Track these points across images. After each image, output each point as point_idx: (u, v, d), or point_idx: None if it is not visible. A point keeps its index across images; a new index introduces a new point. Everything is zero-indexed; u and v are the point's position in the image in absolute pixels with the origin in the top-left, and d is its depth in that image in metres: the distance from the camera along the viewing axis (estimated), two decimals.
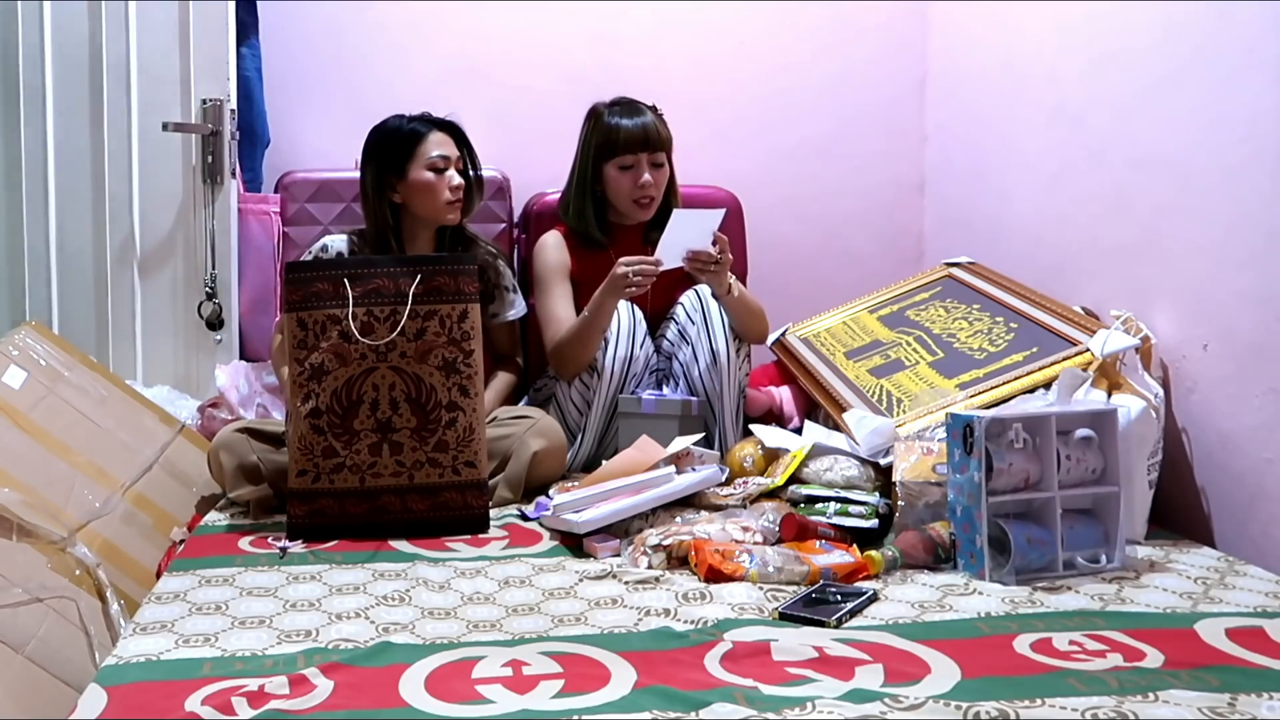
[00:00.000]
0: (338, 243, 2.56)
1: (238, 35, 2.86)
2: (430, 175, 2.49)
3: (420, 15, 3.18)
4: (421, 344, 2.12)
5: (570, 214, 2.71)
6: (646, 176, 2.61)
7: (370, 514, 2.09)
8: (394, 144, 2.51)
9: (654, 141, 2.62)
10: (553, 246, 2.71)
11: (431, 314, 2.13)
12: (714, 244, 2.45)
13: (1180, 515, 2.23)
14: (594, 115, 2.69)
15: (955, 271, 2.79)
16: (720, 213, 2.47)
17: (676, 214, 2.47)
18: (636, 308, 2.57)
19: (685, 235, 2.43)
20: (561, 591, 1.78)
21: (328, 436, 2.09)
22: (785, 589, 1.76)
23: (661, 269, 2.44)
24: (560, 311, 2.62)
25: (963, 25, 3.19)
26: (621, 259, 2.45)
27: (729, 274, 2.51)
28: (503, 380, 2.64)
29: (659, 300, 2.66)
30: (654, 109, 2.68)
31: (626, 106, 2.67)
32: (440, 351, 2.12)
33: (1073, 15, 2.64)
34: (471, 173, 2.58)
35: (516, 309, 2.68)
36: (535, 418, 2.42)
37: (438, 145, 2.51)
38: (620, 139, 2.61)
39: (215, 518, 2.19)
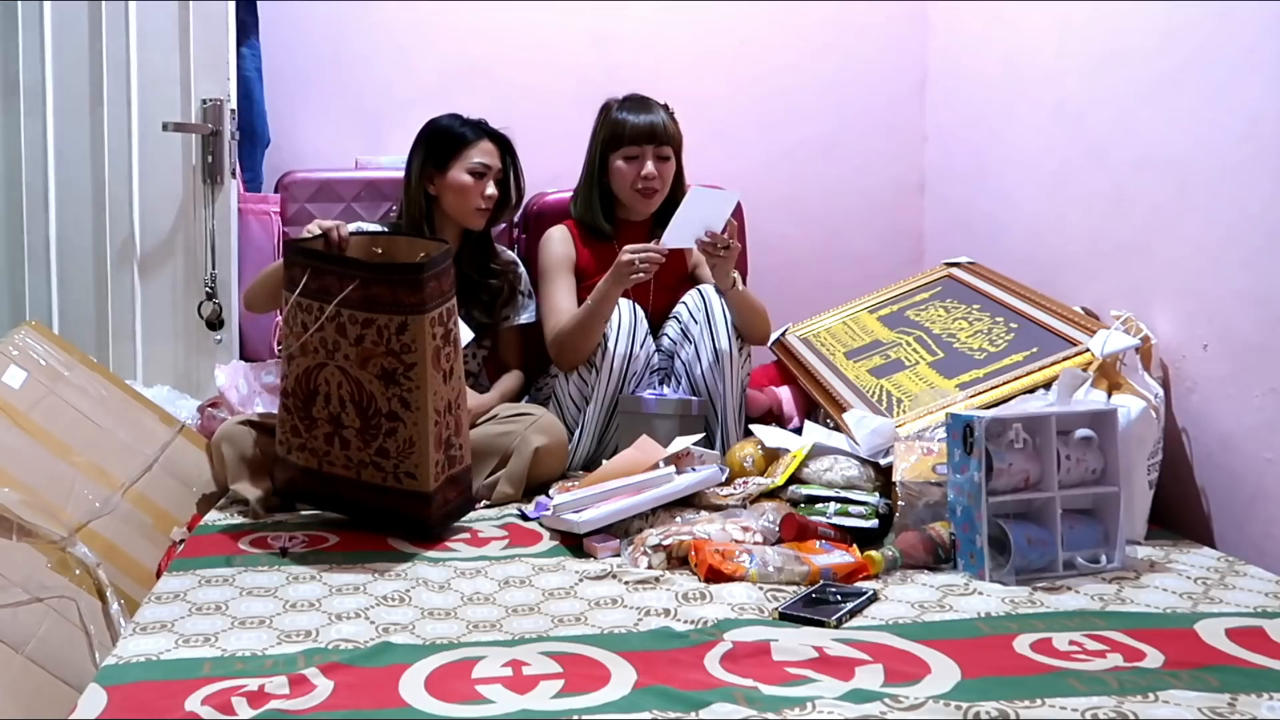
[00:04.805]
0: (368, 229, 2.62)
1: (238, 35, 2.86)
2: (468, 178, 2.56)
3: (421, 15, 3.18)
4: (361, 350, 2.02)
5: (579, 206, 2.75)
6: (650, 168, 2.63)
7: (329, 496, 2.14)
8: (444, 140, 2.59)
9: (660, 136, 2.65)
10: (558, 239, 2.73)
11: (369, 322, 2.01)
12: (723, 230, 2.46)
13: (1180, 515, 2.23)
14: (604, 110, 2.73)
15: (955, 271, 2.79)
16: (737, 196, 2.49)
17: (695, 190, 2.47)
18: (638, 306, 2.57)
19: (700, 212, 2.44)
20: (561, 591, 1.78)
21: (294, 416, 2.11)
22: (785, 589, 1.76)
23: (670, 247, 2.46)
24: (562, 303, 2.63)
25: (963, 25, 3.19)
26: (627, 246, 2.46)
27: (733, 269, 2.52)
28: (511, 379, 2.66)
29: (662, 298, 2.67)
30: (665, 107, 2.71)
31: (637, 102, 2.70)
32: (379, 361, 2.01)
33: (1073, 15, 2.64)
34: (513, 189, 2.65)
35: (528, 313, 2.72)
36: (537, 415, 2.42)
37: (483, 153, 2.58)
38: (626, 131, 2.65)
39: (215, 517, 2.19)
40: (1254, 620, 1.64)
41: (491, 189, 2.58)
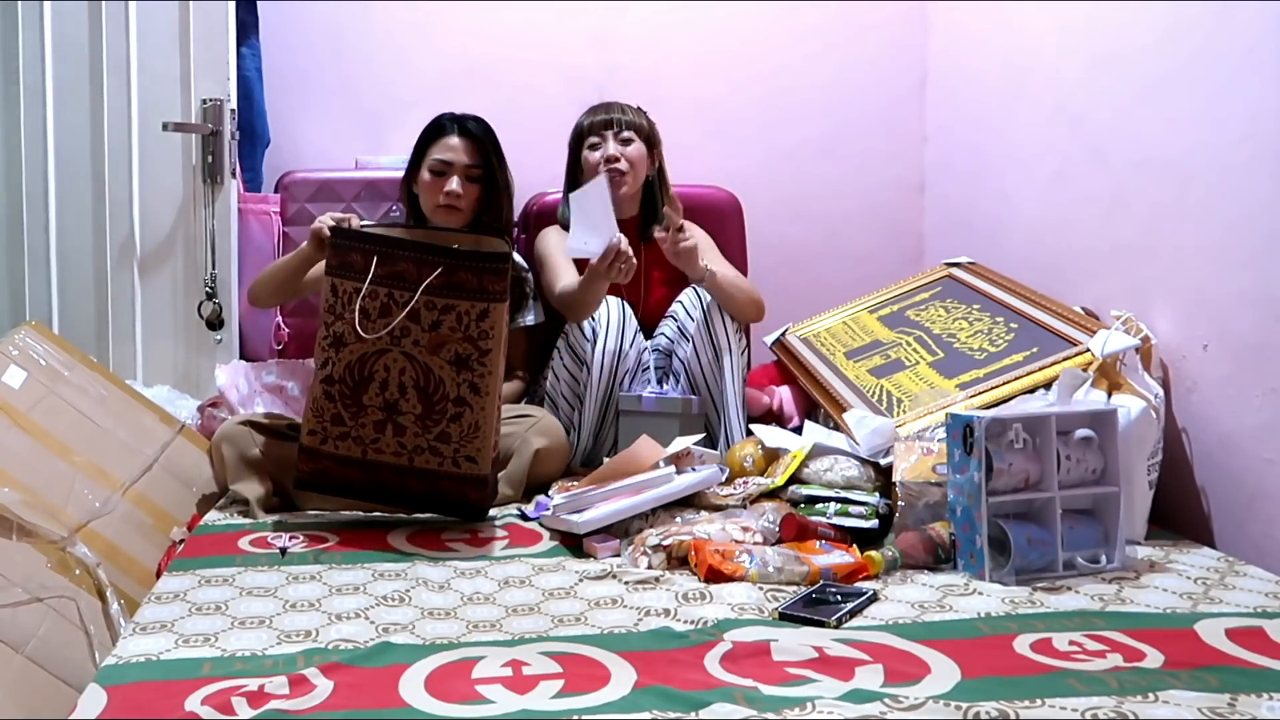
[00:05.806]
0: (397, 218, 2.68)
1: (238, 35, 2.86)
2: (427, 176, 2.55)
3: (421, 15, 3.18)
4: (435, 336, 2.06)
5: (565, 211, 2.77)
6: (612, 149, 2.67)
7: (368, 484, 2.12)
8: (422, 138, 2.59)
9: (618, 123, 2.71)
10: (555, 231, 2.78)
11: (449, 308, 2.06)
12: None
13: (1180, 515, 2.23)
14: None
15: (955, 271, 2.79)
16: (601, 180, 2.45)
17: (573, 198, 2.47)
18: (626, 303, 2.58)
19: (591, 211, 2.41)
20: (561, 591, 1.78)
21: (337, 404, 2.09)
22: (785, 589, 1.76)
23: (582, 256, 2.43)
24: (563, 268, 2.65)
25: (963, 25, 3.19)
26: (596, 264, 2.41)
27: (700, 259, 2.53)
28: (513, 384, 2.66)
29: (656, 293, 2.70)
30: (637, 109, 2.75)
31: (599, 105, 2.76)
32: (454, 347, 2.06)
33: (1073, 16, 2.64)
34: (503, 184, 2.58)
35: (535, 315, 2.72)
36: (537, 416, 2.42)
37: (444, 149, 2.56)
38: (586, 125, 2.73)
39: (215, 517, 2.19)
40: (1254, 620, 1.64)
41: (454, 185, 2.53)
